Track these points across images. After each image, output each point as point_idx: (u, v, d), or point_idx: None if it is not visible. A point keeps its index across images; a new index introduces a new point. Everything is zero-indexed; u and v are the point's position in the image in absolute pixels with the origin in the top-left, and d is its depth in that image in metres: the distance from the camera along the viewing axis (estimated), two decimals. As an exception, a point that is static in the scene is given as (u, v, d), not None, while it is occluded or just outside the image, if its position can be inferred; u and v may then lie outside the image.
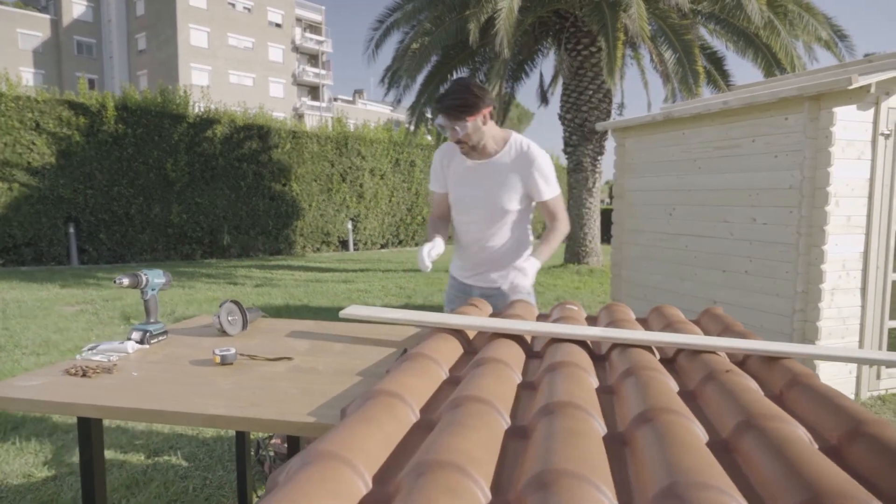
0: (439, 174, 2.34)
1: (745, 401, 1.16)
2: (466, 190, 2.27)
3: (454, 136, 2.14)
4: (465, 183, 2.27)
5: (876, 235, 3.53)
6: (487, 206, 2.24)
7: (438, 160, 2.33)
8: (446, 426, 1.03)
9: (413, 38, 9.63)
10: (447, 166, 2.30)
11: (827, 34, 8.03)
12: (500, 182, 2.22)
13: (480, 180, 2.24)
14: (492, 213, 2.24)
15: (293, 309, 6.48)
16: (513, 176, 2.21)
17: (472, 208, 2.27)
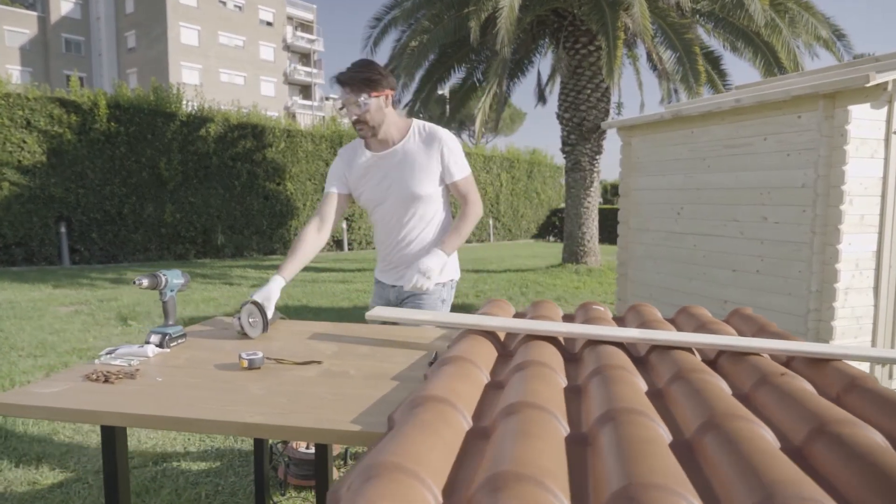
0: (340, 173, 2.23)
1: (813, 406, 1.11)
2: (374, 183, 2.20)
3: (354, 112, 2.08)
4: (372, 175, 2.20)
5: (889, 234, 3.51)
6: (398, 195, 2.17)
7: (341, 159, 2.24)
8: (508, 435, 0.97)
9: (411, 37, 9.56)
10: (350, 166, 2.21)
11: (827, 33, 8.05)
12: (409, 167, 2.16)
13: (388, 171, 2.18)
14: (404, 202, 2.18)
15: (293, 310, 6.39)
16: (421, 158, 2.16)
17: (383, 201, 2.20)
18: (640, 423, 1.02)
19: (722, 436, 1.01)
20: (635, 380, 1.32)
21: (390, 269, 2.29)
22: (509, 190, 19.65)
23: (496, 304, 2.15)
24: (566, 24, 9.47)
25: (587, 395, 1.28)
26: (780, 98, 3.51)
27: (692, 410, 1.14)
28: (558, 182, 22.57)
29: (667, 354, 1.53)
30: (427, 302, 2.28)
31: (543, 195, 21.46)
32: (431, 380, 1.27)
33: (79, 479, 2.48)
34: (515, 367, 1.37)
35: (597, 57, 9.30)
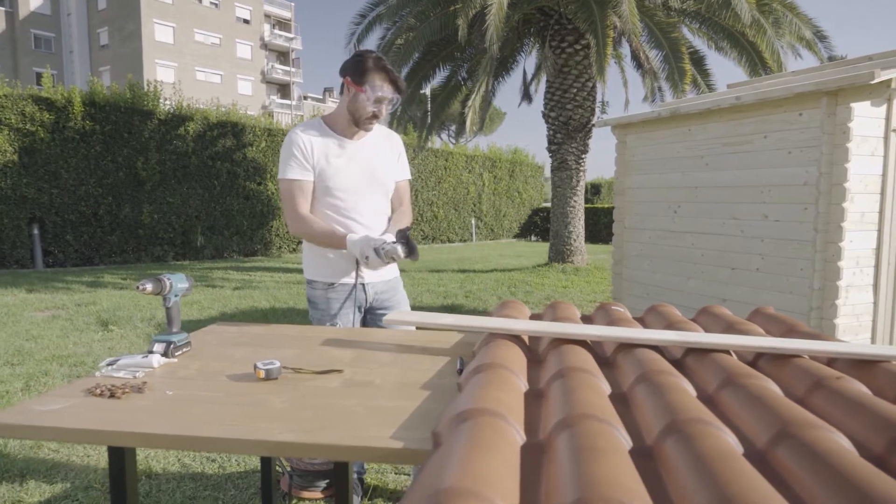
0: (305, 159, 2.03)
1: (887, 411, 1.05)
2: (356, 168, 2.08)
3: (385, 109, 2.06)
4: (352, 160, 2.08)
5: (888, 231, 3.51)
6: (376, 185, 2.13)
7: (300, 144, 2.02)
8: (575, 451, 0.89)
9: (396, 34, 9.44)
10: (317, 148, 2.04)
11: (809, 34, 8.14)
12: (383, 158, 2.16)
13: (368, 158, 2.11)
14: (380, 192, 2.15)
15: (280, 312, 6.24)
16: (387, 151, 2.18)
17: (359, 189, 2.09)
18: (708, 433, 0.95)
19: (799, 445, 0.94)
20: (685, 385, 1.25)
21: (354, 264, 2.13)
22: (491, 189, 19.62)
23: (512, 306, 2.07)
24: (552, 23, 9.44)
25: (635, 402, 1.20)
26: (781, 95, 3.48)
27: (759, 419, 1.07)
28: (540, 181, 22.62)
29: (706, 358, 1.47)
30: (400, 295, 2.27)
31: (525, 194, 21.48)
32: (471, 390, 1.18)
33: (67, 496, 2.33)
34: (556, 375, 1.29)
35: (583, 56, 9.28)
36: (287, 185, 2.03)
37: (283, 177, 2.04)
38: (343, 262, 2.11)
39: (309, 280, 2.15)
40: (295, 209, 2.03)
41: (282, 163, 2.05)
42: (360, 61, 1.99)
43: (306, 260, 2.18)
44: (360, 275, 2.09)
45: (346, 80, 2.03)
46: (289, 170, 2.03)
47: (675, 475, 0.89)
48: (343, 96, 2.07)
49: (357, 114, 2.03)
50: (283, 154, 2.05)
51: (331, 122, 2.11)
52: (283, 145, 2.06)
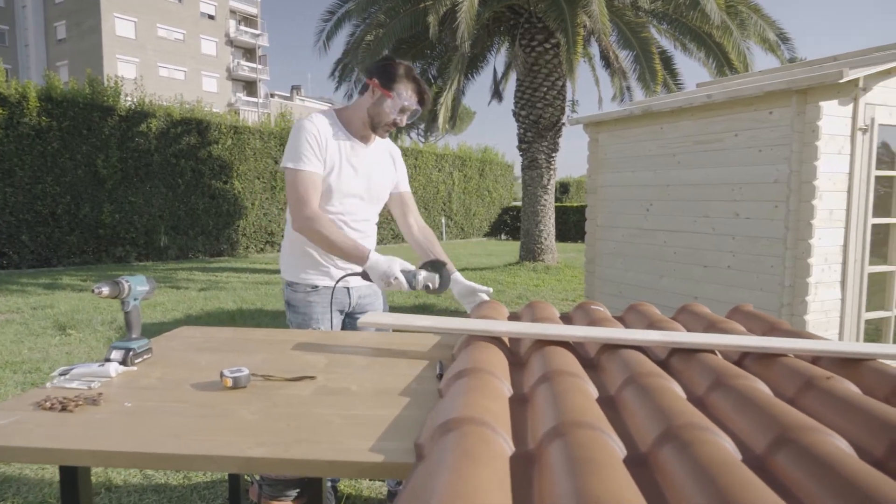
0: (319, 150, 1.92)
1: (884, 412, 1.02)
2: (362, 171, 2.03)
3: (407, 119, 2.04)
4: (359, 163, 2.02)
5: (854, 229, 3.56)
6: (374, 193, 2.10)
7: (317, 136, 1.91)
8: (571, 464, 0.83)
9: (366, 31, 9.31)
10: (329, 144, 1.95)
11: (773, 36, 8.30)
12: (384, 167, 2.14)
13: (373, 164, 2.07)
14: (376, 201, 2.13)
15: (248, 314, 6.08)
16: (387, 162, 2.16)
17: (357, 193, 2.04)
18: (705, 439, 0.90)
19: (797, 450, 0.90)
20: (675, 388, 1.21)
21: (341, 269, 2.05)
22: (461, 188, 19.60)
23: (490, 306, 2.02)
24: (522, 21, 9.44)
25: (625, 407, 1.15)
26: (752, 94, 3.51)
27: (755, 424, 1.03)
28: (510, 180, 22.70)
29: (692, 359, 1.43)
30: (380, 300, 2.24)
31: (495, 193, 21.52)
32: (453, 396, 1.11)
33: (20, 511, 2.19)
34: (541, 378, 1.24)
35: (553, 54, 9.30)
36: (300, 176, 1.90)
37: (295, 167, 1.90)
38: (328, 265, 2.05)
39: (289, 282, 2.05)
40: (308, 204, 1.89)
41: (292, 151, 1.91)
42: (392, 67, 1.95)
43: (287, 261, 2.08)
44: (345, 278, 2.03)
45: (372, 83, 1.96)
46: (304, 160, 1.90)
47: (674, 485, 0.85)
48: (363, 97, 2.00)
49: (377, 118, 1.97)
50: (296, 142, 1.91)
51: (345, 121, 2.02)
52: (296, 132, 1.92)
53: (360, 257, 1.85)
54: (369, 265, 1.84)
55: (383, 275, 1.82)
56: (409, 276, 1.83)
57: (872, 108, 3.55)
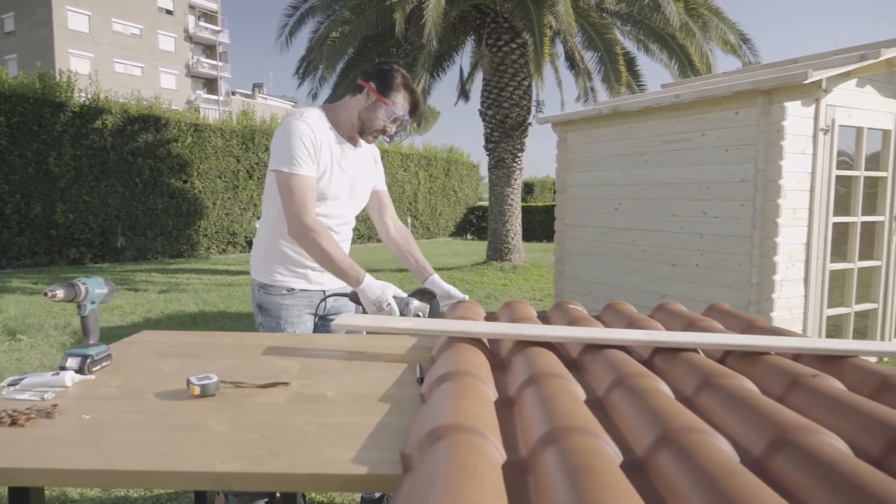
0: (314, 153, 1.84)
1: (876, 410, 1.01)
2: (349, 175, 1.98)
3: (394, 129, 2.01)
4: (347, 166, 1.97)
5: (817, 227, 3.64)
6: (357, 195, 2.06)
7: (311, 138, 1.82)
8: (569, 472, 0.79)
9: (331, 27, 9.17)
10: (319, 148, 1.86)
11: (734, 38, 8.49)
12: (368, 170, 2.10)
13: (358, 167, 2.03)
14: (358, 202, 2.09)
15: (210, 316, 5.90)
16: (370, 164, 2.12)
17: (344, 199, 2.00)
18: (704, 442, 0.87)
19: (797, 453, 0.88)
20: (664, 389, 1.18)
21: (317, 271, 1.99)
22: (427, 188, 19.54)
23: (466, 307, 1.97)
24: (488, 21, 9.43)
25: (615, 409, 1.12)
26: (719, 94, 3.55)
27: (750, 425, 1.01)
28: (475, 180, 22.75)
29: (676, 358, 1.41)
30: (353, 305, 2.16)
31: (461, 193, 21.53)
32: (439, 402, 1.06)
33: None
34: (527, 381, 1.19)
35: (519, 54, 9.32)
36: (296, 181, 1.80)
37: (290, 171, 1.80)
38: (304, 269, 1.98)
39: (263, 284, 1.96)
40: (307, 211, 1.81)
41: (285, 153, 1.80)
42: (390, 74, 1.89)
43: (261, 262, 1.99)
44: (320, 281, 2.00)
45: (368, 86, 1.89)
46: (300, 163, 1.81)
47: (676, 491, 0.81)
48: (355, 99, 1.92)
49: (368, 123, 1.91)
50: (288, 143, 1.80)
51: (334, 121, 1.94)
52: (286, 133, 1.81)
53: (355, 278, 1.79)
54: (363, 288, 1.79)
55: (376, 300, 1.77)
56: (401, 304, 1.81)
57: (833, 109, 3.63)
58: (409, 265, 2.14)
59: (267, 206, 1.95)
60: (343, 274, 1.79)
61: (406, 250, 2.13)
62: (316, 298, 1.99)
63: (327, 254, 1.79)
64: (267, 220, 1.96)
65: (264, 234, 1.97)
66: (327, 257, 1.79)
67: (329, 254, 1.79)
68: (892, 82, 3.98)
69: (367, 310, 1.79)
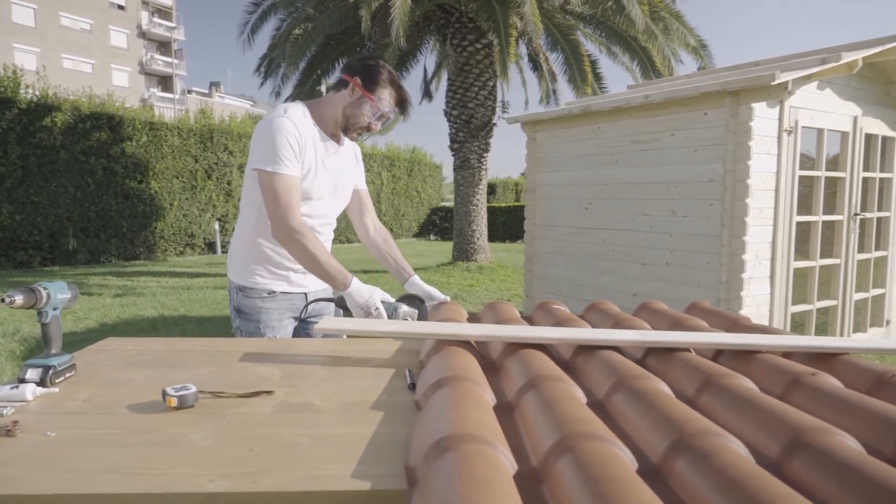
0: (298, 152, 1.76)
1: (882, 409, 1.00)
2: (332, 175, 1.92)
3: (379, 126, 1.94)
4: (331, 166, 1.91)
5: (781, 226, 3.72)
6: (339, 194, 2.00)
7: (296, 136, 1.75)
8: (590, 484, 0.74)
9: (293, 25, 8.99)
10: (303, 146, 1.79)
11: (694, 42, 8.68)
12: (350, 169, 2.04)
13: (341, 166, 1.97)
14: (340, 201, 2.03)
15: (170, 321, 5.69)
16: (353, 162, 2.06)
17: (328, 198, 1.93)
18: (722, 447, 0.84)
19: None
20: (667, 391, 1.15)
21: (300, 273, 1.92)
22: (390, 189, 19.42)
23: (448, 308, 1.93)
24: (453, 21, 9.40)
25: (620, 413, 1.08)
26: (688, 95, 3.59)
27: (762, 427, 0.98)
28: (438, 181, 22.73)
29: (672, 358, 1.39)
30: (332, 305, 2.07)
31: (424, 194, 21.47)
32: (440, 410, 1.01)
33: None
34: (526, 385, 1.15)
35: (484, 55, 9.33)
36: (280, 181, 1.72)
37: (274, 170, 1.71)
38: (286, 271, 1.90)
39: (241, 287, 1.87)
40: (293, 213, 1.72)
41: (268, 151, 1.72)
42: (376, 70, 1.82)
43: (240, 263, 1.89)
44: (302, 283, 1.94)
45: (353, 82, 1.81)
46: (285, 163, 1.72)
47: (698, 498, 0.78)
48: (339, 95, 1.85)
49: (353, 120, 1.84)
50: (272, 141, 1.72)
51: (317, 118, 1.86)
52: (270, 130, 1.73)
53: (342, 282, 1.72)
54: (350, 292, 1.71)
55: (364, 304, 1.71)
56: (390, 309, 1.76)
57: (796, 110, 3.72)
58: (389, 266, 2.08)
59: (247, 205, 1.86)
60: (330, 277, 1.72)
61: (386, 251, 2.07)
62: (297, 301, 1.91)
63: (314, 256, 1.71)
64: (246, 219, 1.87)
65: (243, 234, 1.88)
66: (313, 260, 1.72)
67: (315, 256, 1.71)
68: (850, 85, 4.11)
69: (354, 314, 1.72)
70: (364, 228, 2.11)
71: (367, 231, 2.11)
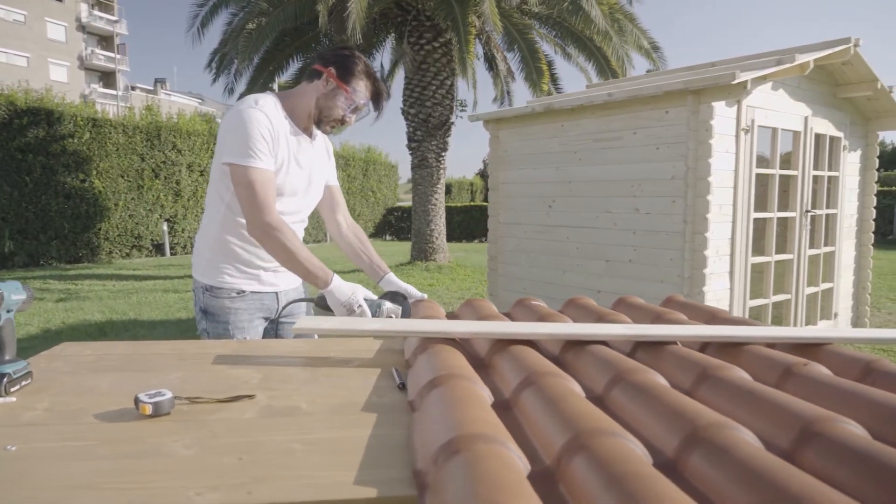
0: (272, 145, 1.68)
1: (887, 398, 1.00)
2: (306, 170, 1.84)
3: (354, 120, 1.86)
4: (303, 159, 1.83)
5: (740, 223, 3.82)
6: (312, 191, 1.92)
7: (269, 128, 1.66)
8: (614, 481, 0.71)
9: (246, 19, 8.74)
10: (276, 139, 1.70)
11: (647, 44, 8.87)
12: (323, 163, 1.96)
13: (314, 160, 1.89)
14: (313, 198, 1.95)
15: (120, 325, 5.44)
16: (324, 156, 1.98)
17: (300, 195, 1.86)
18: (737, 439, 0.83)
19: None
20: (665, 384, 1.14)
21: (270, 272, 1.84)
22: (345, 188, 19.19)
23: (426, 306, 1.88)
24: (410, 19, 9.34)
25: (622, 408, 1.06)
26: (650, 93, 3.64)
27: (768, 418, 0.97)
28: (394, 180, 22.59)
29: (663, 352, 1.38)
30: (304, 303, 2.01)
31: (379, 193, 21.31)
32: (440, 410, 0.96)
33: None
34: (524, 382, 1.11)
35: (441, 53, 9.29)
36: (254, 175, 1.63)
37: (247, 164, 1.62)
38: (257, 269, 1.80)
39: (208, 287, 1.76)
40: (269, 208, 1.64)
41: (240, 144, 1.62)
42: (351, 60, 1.76)
43: (207, 262, 1.79)
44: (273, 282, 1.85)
45: (328, 72, 1.73)
46: (259, 156, 1.63)
47: (720, 491, 0.76)
48: (311, 86, 1.76)
49: (327, 112, 1.76)
50: (244, 134, 1.62)
51: (289, 110, 1.77)
52: (241, 122, 1.63)
53: (323, 280, 1.65)
54: (331, 289, 1.64)
55: (346, 302, 1.64)
56: (373, 307, 1.70)
57: (752, 110, 3.82)
58: (363, 264, 2.02)
59: (214, 201, 1.76)
60: (310, 275, 1.64)
61: (360, 248, 2.00)
62: (268, 301, 1.82)
63: (292, 254, 1.63)
64: (213, 216, 1.77)
65: (210, 231, 1.78)
66: (293, 257, 1.64)
67: (295, 254, 1.64)
68: (801, 87, 4.25)
69: (336, 313, 1.65)
70: (336, 226, 2.04)
71: (340, 228, 2.03)
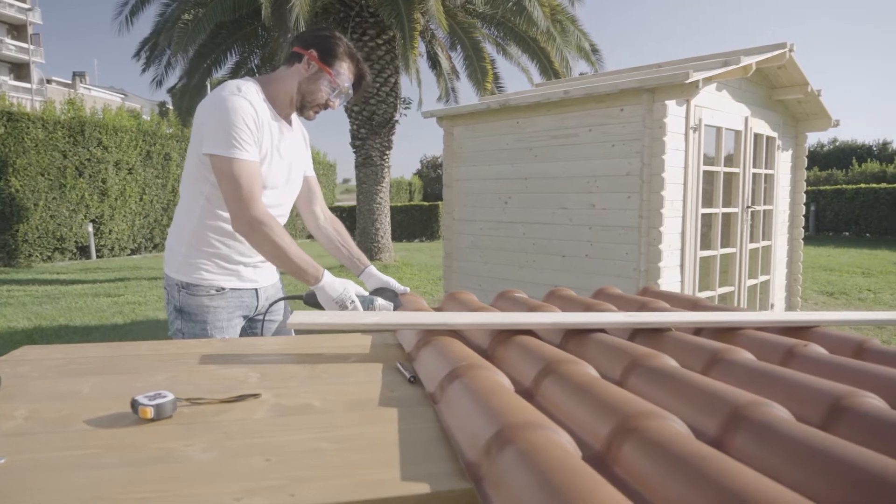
0: (256, 134, 1.59)
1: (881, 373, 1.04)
2: (288, 159, 1.77)
3: (337, 104, 1.79)
4: (286, 149, 1.76)
5: (689, 218, 3.95)
6: (292, 181, 1.85)
7: (253, 117, 1.58)
8: (677, 462, 0.71)
9: (181, 9, 8.35)
10: (260, 128, 1.62)
11: (587, 46, 9.10)
12: (300, 151, 1.89)
13: (295, 149, 1.83)
14: (293, 188, 1.88)
15: (50, 331, 5.07)
16: (302, 144, 1.92)
17: (281, 185, 1.78)
18: (779, 418, 0.83)
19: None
20: (682, 368, 1.14)
21: (250, 267, 1.76)
22: (284, 188, 18.72)
23: (410, 299, 1.85)
24: (353, 15, 9.20)
25: (646, 394, 1.05)
26: (606, 91, 3.72)
27: (796, 397, 0.99)
28: (332, 180, 22.25)
29: (661, 337, 1.40)
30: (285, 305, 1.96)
31: (319, 193, 20.92)
32: (472, 400, 0.93)
33: None
34: (543, 370, 1.09)
35: (385, 50, 9.21)
36: (239, 166, 1.53)
37: (232, 155, 1.53)
38: (236, 265, 1.71)
39: (184, 284, 1.65)
40: (256, 202, 1.55)
41: (223, 133, 1.53)
42: (333, 41, 1.68)
43: (183, 258, 1.68)
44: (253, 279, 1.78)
45: (309, 55, 1.65)
46: (244, 147, 1.54)
47: (778, 468, 0.77)
48: (292, 70, 1.67)
49: (310, 96, 1.68)
50: (227, 123, 1.52)
51: (270, 97, 1.67)
52: (223, 110, 1.53)
53: (314, 276, 1.58)
54: (322, 286, 1.57)
55: (338, 298, 1.58)
56: (366, 303, 1.65)
57: (700, 109, 3.97)
58: (342, 256, 1.95)
59: (191, 194, 1.65)
60: (300, 271, 1.57)
61: (338, 241, 1.93)
62: (247, 298, 1.72)
63: (281, 249, 1.55)
64: (190, 209, 1.65)
65: (186, 226, 1.66)
66: (282, 253, 1.55)
67: (284, 249, 1.55)
68: (741, 88, 4.45)
69: (327, 309, 1.58)
70: (314, 217, 1.96)
71: (318, 220, 1.96)
